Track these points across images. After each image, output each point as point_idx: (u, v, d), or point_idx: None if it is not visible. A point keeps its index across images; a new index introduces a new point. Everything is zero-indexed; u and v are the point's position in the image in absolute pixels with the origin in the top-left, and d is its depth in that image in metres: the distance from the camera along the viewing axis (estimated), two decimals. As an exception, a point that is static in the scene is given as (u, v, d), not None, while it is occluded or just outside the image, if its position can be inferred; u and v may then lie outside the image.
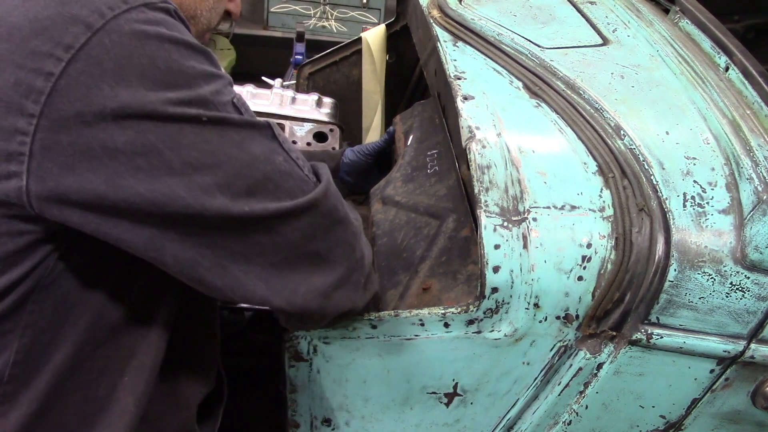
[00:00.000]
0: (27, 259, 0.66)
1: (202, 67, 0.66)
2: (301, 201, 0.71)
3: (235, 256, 0.69)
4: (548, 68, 1.09)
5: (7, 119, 0.59)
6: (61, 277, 0.69)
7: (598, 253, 0.84)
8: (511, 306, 0.86)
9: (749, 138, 0.96)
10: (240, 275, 0.70)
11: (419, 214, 1.13)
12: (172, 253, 0.67)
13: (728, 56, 1.15)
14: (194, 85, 0.64)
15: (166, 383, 0.83)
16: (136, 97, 0.61)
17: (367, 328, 0.88)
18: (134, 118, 0.61)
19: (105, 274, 0.72)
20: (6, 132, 0.60)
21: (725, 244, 0.86)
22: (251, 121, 0.69)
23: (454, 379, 0.94)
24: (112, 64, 0.60)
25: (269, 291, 0.72)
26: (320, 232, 0.74)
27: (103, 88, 0.60)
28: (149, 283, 0.76)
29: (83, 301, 0.71)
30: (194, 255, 0.67)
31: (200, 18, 0.88)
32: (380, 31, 1.74)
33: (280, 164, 0.71)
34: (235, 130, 0.67)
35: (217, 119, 0.65)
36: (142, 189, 0.62)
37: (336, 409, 0.97)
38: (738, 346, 0.90)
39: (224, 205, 0.65)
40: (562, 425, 1.00)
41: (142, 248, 0.66)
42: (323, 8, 4.13)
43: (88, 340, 0.72)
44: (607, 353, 0.91)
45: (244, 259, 0.70)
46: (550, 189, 0.88)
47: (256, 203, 0.67)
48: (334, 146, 1.60)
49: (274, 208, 0.69)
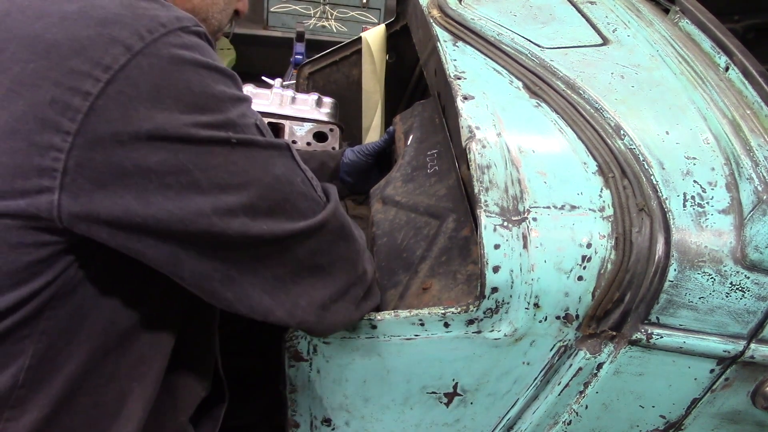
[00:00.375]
0: (50, 269, 0.67)
1: (230, 91, 0.68)
2: (312, 222, 0.74)
3: (245, 270, 0.72)
4: (548, 68, 1.09)
5: (42, 135, 0.61)
6: (80, 285, 0.70)
7: (598, 253, 0.84)
8: (511, 306, 0.86)
9: (749, 138, 0.96)
10: (248, 287, 0.72)
11: (419, 214, 1.13)
12: (189, 267, 0.69)
13: (728, 56, 1.15)
14: (224, 108, 0.67)
15: (165, 386, 0.83)
16: (171, 119, 0.62)
17: (367, 328, 0.88)
18: (167, 139, 0.63)
19: (121, 282, 0.73)
20: (40, 147, 0.61)
21: (725, 244, 0.86)
22: (274, 142, 0.72)
23: (454, 379, 0.94)
24: (149, 87, 0.62)
25: (273, 303, 0.74)
26: (325, 247, 0.77)
27: (140, 109, 0.61)
28: (162, 291, 0.77)
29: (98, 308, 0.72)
30: (208, 269, 0.70)
31: (212, 20, 0.89)
32: (380, 31, 1.74)
33: (299, 185, 0.73)
34: (260, 152, 0.70)
35: (244, 141, 0.68)
36: (171, 206, 0.64)
37: (336, 409, 0.98)
38: (738, 346, 0.90)
39: (244, 225, 0.68)
40: (562, 425, 1.00)
41: (162, 263, 0.69)
42: (323, 8, 4.13)
43: (100, 347, 0.73)
44: (607, 353, 0.91)
45: (252, 272, 0.72)
46: (550, 189, 0.88)
47: (273, 223, 0.70)
48: (334, 146, 1.60)
49: (289, 229, 0.72)
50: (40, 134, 0.61)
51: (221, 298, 0.72)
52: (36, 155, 0.61)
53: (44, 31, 0.62)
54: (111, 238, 0.66)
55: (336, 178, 1.47)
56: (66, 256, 0.67)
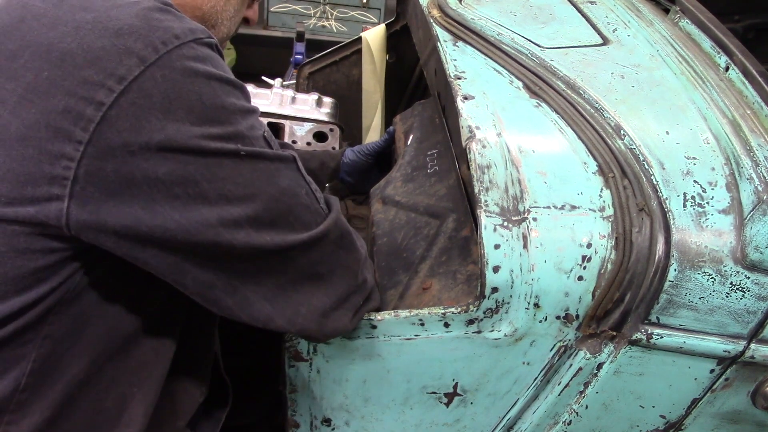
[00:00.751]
0: (55, 275, 0.67)
1: (240, 103, 0.69)
2: (314, 233, 0.74)
3: (246, 278, 0.72)
4: (548, 68, 1.09)
5: (54, 144, 0.61)
6: (84, 291, 0.70)
7: (598, 253, 0.84)
8: (511, 306, 0.86)
9: (749, 138, 0.96)
10: (249, 295, 0.73)
11: (419, 213, 1.13)
12: (192, 276, 0.69)
13: (728, 56, 1.15)
14: (233, 121, 0.67)
15: (165, 390, 0.83)
16: (181, 131, 0.63)
17: (367, 328, 0.88)
18: (177, 151, 0.63)
19: (123, 289, 0.74)
20: (51, 156, 0.61)
21: (725, 244, 0.86)
22: (281, 155, 0.72)
23: (454, 378, 0.94)
24: (162, 98, 0.62)
25: (274, 311, 0.74)
26: (326, 257, 0.77)
27: (152, 120, 0.62)
28: (164, 298, 0.78)
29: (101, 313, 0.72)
30: (211, 278, 0.70)
31: (221, 27, 0.89)
32: (380, 31, 1.74)
33: (302, 197, 0.74)
34: (267, 164, 0.70)
35: (253, 153, 0.68)
36: (178, 217, 0.65)
37: (336, 409, 0.97)
38: (738, 346, 0.90)
39: (249, 236, 0.68)
40: (562, 425, 0.99)
41: (165, 272, 0.69)
42: (323, 8, 4.13)
43: (102, 352, 0.74)
44: (607, 353, 0.91)
45: (254, 282, 0.73)
46: (550, 189, 0.88)
47: (276, 235, 0.71)
48: (334, 146, 1.60)
49: (291, 240, 0.72)
50: (52, 143, 0.61)
51: (223, 306, 0.73)
52: (46, 163, 0.61)
53: (59, 40, 0.62)
54: (117, 247, 0.66)
55: (336, 178, 1.47)
56: (72, 263, 0.68)
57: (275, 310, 0.74)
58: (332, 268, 0.79)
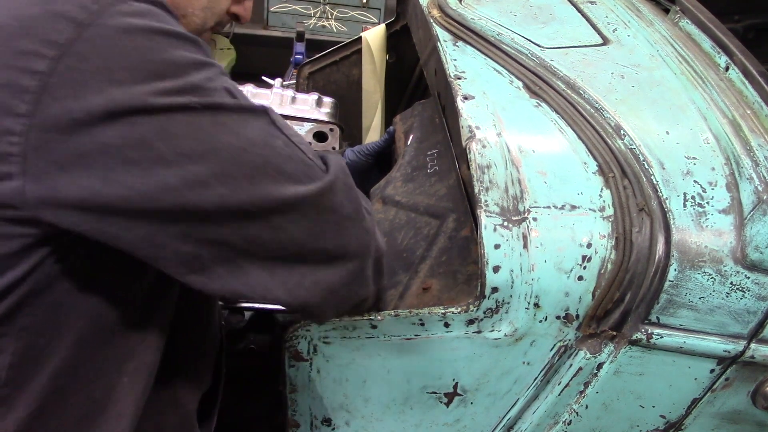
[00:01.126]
0: (22, 263, 0.65)
1: (192, 56, 0.64)
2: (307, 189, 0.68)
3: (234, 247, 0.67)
4: (548, 68, 1.09)
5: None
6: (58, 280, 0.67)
7: (599, 253, 0.84)
8: (511, 306, 0.86)
9: (749, 138, 0.96)
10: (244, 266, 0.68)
11: (419, 213, 1.13)
12: (173, 249, 0.65)
13: (728, 56, 1.15)
14: (184, 74, 0.62)
15: (164, 381, 0.83)
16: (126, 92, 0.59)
17: (367, 328, 0.88)
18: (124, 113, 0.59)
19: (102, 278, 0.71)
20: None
21: (725, 243, 0.86)
22: (246, 105, 0.67)
23: (454, 378, 0.94)
24: (101, 61, 0.59)
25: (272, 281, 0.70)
26: (329, 229, 0.71)
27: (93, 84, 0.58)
28: (147, 286, 0.75)
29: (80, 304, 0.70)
30: (192, 249, 0.65)
31: (192, 17, 0.85)
32: (380, 31, 1.74)
33: (280, 148, 0.67)
34: (228, 116, 0.64)
35: (209, 105, 0.63)
36: (136, 183, 0.60)
37: (336, 409, 0.97)
38: (738, 346, 0.90)
39: (222, 196, 0.63)
40: (562, 425, 0.99)
41: (139, 246, 0.65)
42: (323, 8, 4.13)
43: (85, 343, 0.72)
44: (607, 353, 0.91)
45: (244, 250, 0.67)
46: (550, 189, 0.88)
47: (256, 189, 0.65)
48: (334, 146, 1.60)
49: (278, 194, 0.66)
50: None
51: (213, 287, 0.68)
52: None
53: None
54: (82, 224, 0.62)
55: None
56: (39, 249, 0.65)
57: (273, 281, 0.69)
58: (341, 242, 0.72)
